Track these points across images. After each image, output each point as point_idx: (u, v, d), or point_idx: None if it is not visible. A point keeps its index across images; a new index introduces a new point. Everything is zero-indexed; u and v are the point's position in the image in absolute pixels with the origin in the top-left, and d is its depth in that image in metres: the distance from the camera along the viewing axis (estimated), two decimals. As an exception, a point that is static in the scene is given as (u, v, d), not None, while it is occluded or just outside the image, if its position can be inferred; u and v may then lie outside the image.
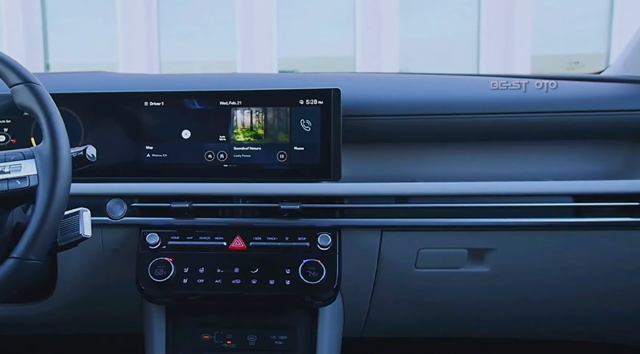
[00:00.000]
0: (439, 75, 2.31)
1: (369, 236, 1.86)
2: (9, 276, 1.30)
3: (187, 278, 1.78)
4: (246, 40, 13.81)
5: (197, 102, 1.84)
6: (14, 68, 1.42)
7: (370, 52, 13.82)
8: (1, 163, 1.38)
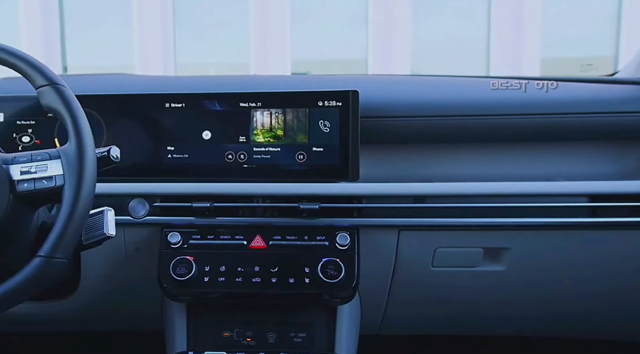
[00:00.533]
0: (455, 78, 2.31)
1: (386, 236, 1.87)
2: (36, 275, 1.31)
3: (208, 277, 1.78)
4: (260, 42, 13.83)
5: (218, 104, 1.84)
6: (41, 70, 1.43)
7: (382, 55, 13.81)
8: (28, 163, 1.39)
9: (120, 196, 1.83)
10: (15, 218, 1.40)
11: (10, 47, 1.45)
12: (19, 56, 1.43)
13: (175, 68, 13.96)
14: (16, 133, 1.87)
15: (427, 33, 13.98)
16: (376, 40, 13.87)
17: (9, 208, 1.36)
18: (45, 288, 1.35)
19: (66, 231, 1.32)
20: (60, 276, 1.38)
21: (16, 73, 1.54)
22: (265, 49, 13.80)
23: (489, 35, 13.95)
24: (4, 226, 1.37)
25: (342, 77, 2.33)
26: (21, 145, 1.86)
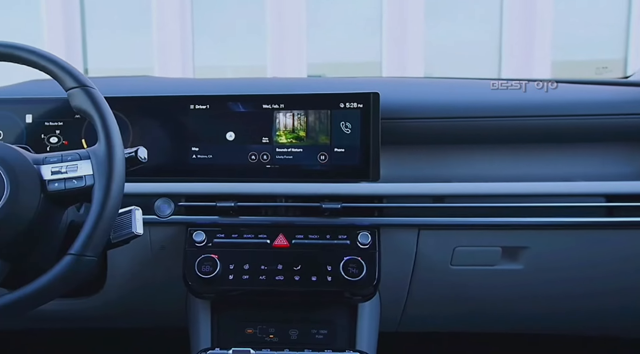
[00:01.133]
0: (472, 80, 2.30)
1: (406, 235, 1.87)
2: (67, 272, 1.31)
3: (232, 274, 1.78)
4: (277, 46, 13.84)
5: (241, 105, 1.84)
6: (71, 72, 1.43)
7: (396, 58, 13.80)
8: (58, 163, 1.40)
9: (146, 195, 1.84)
10: (46, 217, 1.41)
11: (41, 50, 1.46)
12: (50, 59, 1.44)
13: (193, 71, 13.97)
14: (44, 134, 1.88)
15: (439, 36, 13.96)
16: (390, 44, 13.86)
17: (40, 207, 1.37)
18: (76, 285, 1.36)
19: (96, 230, 1.33)
20: (90, 274, 1.38)
21: (43, 76, 1.55)
22: (282, 52, 13.80)
23: (500, 38, 13.92)
24: (36, 225, 1.37)
25: (362, 79, 2.33)
26: (49, 146, 1.87)
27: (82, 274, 1.34)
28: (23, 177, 1.36)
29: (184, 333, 2.06)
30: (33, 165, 1.39)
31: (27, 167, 1.38)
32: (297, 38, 13.78)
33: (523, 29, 13.64)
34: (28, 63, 1.45)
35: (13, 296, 1.32)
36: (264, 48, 13.93)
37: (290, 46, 13.81)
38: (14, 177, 1.34)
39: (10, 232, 1.34)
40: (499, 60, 13.98)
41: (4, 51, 1.44)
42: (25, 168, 1.38)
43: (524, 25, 13.65)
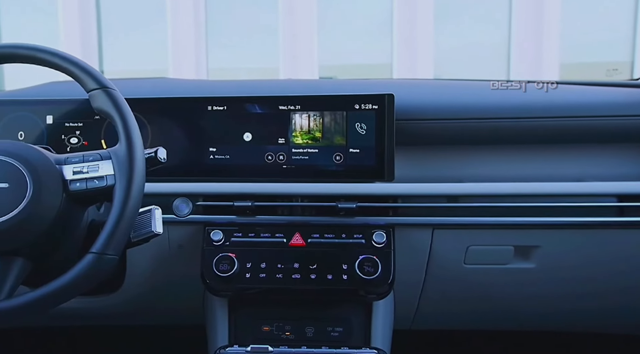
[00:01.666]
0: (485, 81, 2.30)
1: (421, 234, 1.86)
2: (89, 270, 1.32)
3: (249, 273, 1.79)
4: (289, 48, 13.84)
5: (258, 106, 1.84)
6: (92, 74, 1.44)
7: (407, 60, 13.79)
8: (80, 163, 1.40)
9: (165, 195, 1.84)
10: (67, 217, 1.41)
11: (63, 52, 1.46)
12: (71, 61, 1.44)
13: (207, 73, 14.00)
14: (65, 135, 1.88)
15: (448, 39, 13.95)
16: (400, 46, 13.86)
17: (62, 207, 1.38)
18: (97, 283, 1.36)
19: (117, 229, 1.33)
20: (110, 273, 1.38)
21: (63, 77, 1.55)
22: (294, 54, 13.81)
23: (509, 41, 13.90)
24: (58, 225, 1.38)
25: (376, 81, 2.33)
26: (69, 147, 1.88)
27: (103, 272, 1.35)
28: (46, 177, 1.36)
29: (201, 330, 2.07)
30: (55, 165, 1.40)
31: (50, 167, 1.39)
32: (308, 40, 13.79)
33: (532, 31, 13.62)
34: (50, 66, 1.45)
35: (36, 294, 1.32)
36: (277, 50, 13.94)
37: (302, 48, 13.82)
38: (36, 177, 1.35)
39: (33, 231, 1.35)
40: (507, 63, 13.96)
41: (27, 53, 1.45)
42: (48, 169, 1.38)
43: (533, 28, 13.62)
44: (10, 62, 1.48)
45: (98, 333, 2.82)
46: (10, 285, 1.35)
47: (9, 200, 1.33)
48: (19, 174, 1.35)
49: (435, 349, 2.72)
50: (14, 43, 1.46)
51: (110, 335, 2.84)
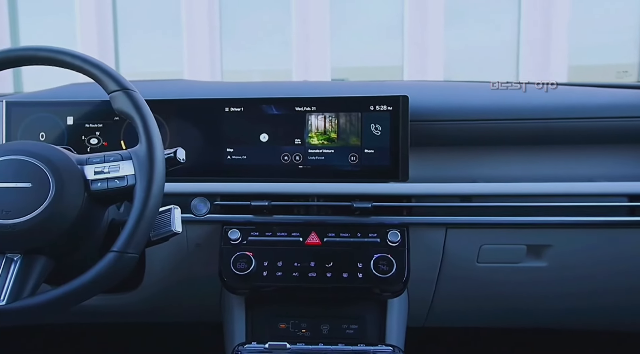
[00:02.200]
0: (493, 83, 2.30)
1: (434, 233, 1.87)
2: (110, 268, 1.32)
3: (266, 271, 1.79)
4: (301, 50, 13.83)
5: (275, 108, 1.84)
6: (113, 76, 1.44)
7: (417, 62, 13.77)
8: (101, 164, 1.41)
9: (183, 195, 1.84)
10: (88, 216, 1.42)
11: (85, 54, 1.46)
12: (93, 63, 1.45)
13: (221, 75, 14.00)
14: (85, 136, 1.88)
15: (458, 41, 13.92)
16: (411, 49, 13.83)
17: (83, 206, 1.38)
18: (117, 281, 1.37)
19: (138, 228, 1.34)
20: (131, 271, 1.39)
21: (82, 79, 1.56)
22: (307, 56, 13.80)
23: (518, 43, 13.86)
24: (79, 224, 1.38)
25: (390, 83, 2.33)
26: (89, 147, 1.88)
27: (124, 270, 1.36)
28: (68, 177, 1.37)
29: (218, 327, 2.07)
30: (77, 165, 1.41)
31: (72, 167, 1.39)
32: (321, 43, 13.78)
33: (541, 34, 13.58)
34: (72, 68, 1.46)
35: (58, 292, 1.32)
36: (289, 52, 13.93)
37: (314, 51, 13.81)
38: (59, 177, 1.35)
39: (55, 230, 1.35)
40: (516, 65, 13.93)
41: (50, 56, 1.45)
42: (70, 169, 1.39)
43: (542, 30, 13.58)
44: (33, 64, 1.49)
45: (115, 331, 2.82)
46: (34, 283, 1.36)
47: (32, 199, 1.34)
48: (42, 174, 1.35)
49: (447, 346, 2.72)
50: (37, 45, 1.47)
51: (127, 332, 2.84)
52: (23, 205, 1.33)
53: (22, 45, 1.48)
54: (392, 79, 11.37)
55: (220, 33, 14.05)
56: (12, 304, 1.32)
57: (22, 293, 1.34)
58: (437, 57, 13.74)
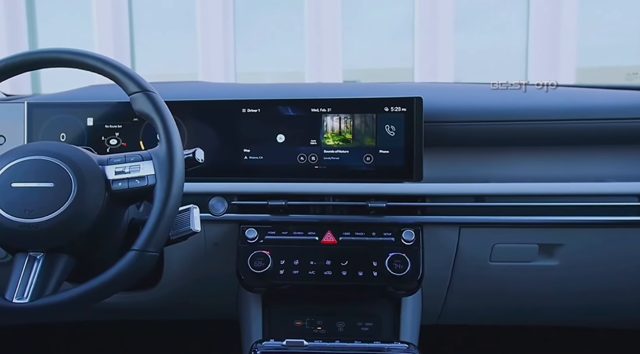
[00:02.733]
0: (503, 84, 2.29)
1: (448, 232, 1.87)
2: (131, 267, 1.33)
3: (283, 269, 1.79)
4: (314, 52, 13.82)
5: (291, 109, 1.84)
6: (134, 78, 1.44)
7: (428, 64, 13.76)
8: (122, 164, 1.41)
9: (201, 195, 1.84)
10: (109, 215, 1.42)
11: (105, 57, 1.47)
12: (114, 65, 1.45)
13: (235, 77, 14.02)
14: (104, 136, 1.89)
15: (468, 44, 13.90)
16: (421, 51, 13.81)
17: (104, 206, 1.39)
18: (138, 279, 1.37)
19: (158, 227, 1.34)
20: (150, 269, 1.39)
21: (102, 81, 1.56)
22: (319, 58, 13.79)
23: (527, 45, 13.83)
24: (100, 223, 1.39)
25: (404, 84, 2.33)
26: (109, 148, 1.88)
27: (144, 269, 1.36)
28: (89, 177, 1.37)
29: (232, 324, 2.09)
30: (98, 165, 1.41)
31: (93, 168, 1.40)
32: (333, 45, 13.77)
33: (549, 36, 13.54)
34: (94, 70, 1.46)
35: (81, 290, 1.33)
36: (302, 55, 13.93)
37: (326, 53, 13.80)
38: (80, 177, 1.36)
39: (77, 229, 1.36)
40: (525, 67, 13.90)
41: (72, 58, 1.46)
42: (91, 169, 1.39)
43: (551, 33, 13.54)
44: (55, 66, 1.49)
45: (132, 328, 2.83)
46: (56, 281, 1.37)
47: (54, 199, 1.34)
48: (64, 174, 1.36)
49: (460, 343, 2.72)
50: (59, 48, 1.47)
51: (143, 330, 2.85)
52: (45, 204, 1.34)
53: (46, 48, 1.48)
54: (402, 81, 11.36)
55: (234, 35, 14.06)
56: (35, 302, 1.32)
57: (45, 291, 1.34)
58: (447, 60, 13.72)
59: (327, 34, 13.76)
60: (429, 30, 13.71)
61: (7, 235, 1.35)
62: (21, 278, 1.35)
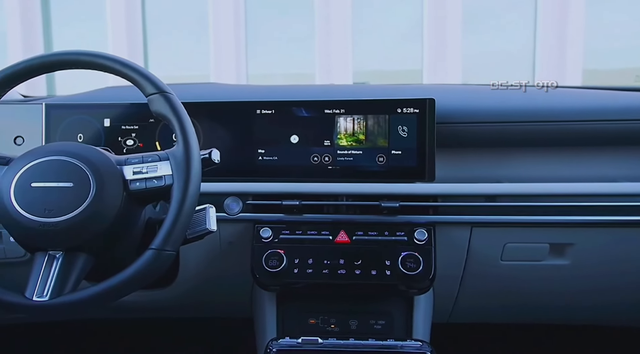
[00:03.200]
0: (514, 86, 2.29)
1: (460, 232, 1.86)
2: (149, 265, 1.33)
3: (297, 268, 1.79)
4: (324, 54, 13.82)
5: (305, 110, 1.84)
6: (151, 79, 1.44)
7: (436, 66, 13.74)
8: (139, 164, 1.41)
9: (216, 194, 1.85)
10: (127, 215, 1.43)
11: (123, 59, 1.46)
12: (132, 67, 1.45)
13: (247, 78, 14.02)
14: (121, 137, 1.90)
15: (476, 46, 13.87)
16: (430, 53, 13.80)
17: (122, 205, 1.39)
18: (155, 278, 1.37)
19: (175, 226, 1.34)
20: (168, 268, 1.39)
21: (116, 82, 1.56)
22: (329, 60, 13.79)
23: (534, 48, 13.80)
24: (118, 222, 1.39)
25: (415, 86, 2.34)
26: (125, 148, 1.89)
27: (162, 267, 1.36)
28: (107, 177, 1.37)
29: (245, 322, 2.10)
30: (116, 165, 1.41)
31: (111, 168, 1.40)
32: (343, 47, 13.77)
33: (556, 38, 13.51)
34: (112, 71, 1.46)
35: (100, 288, 1.33)
36: (312, 57, 13.93)
37: (336, 55, 13.79)
38: (99, 177, 1.36)
39: (95, 228, 1.36)
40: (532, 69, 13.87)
41: (91, 60, 1.45)
42: (110, 169, 1.39)
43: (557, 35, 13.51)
44: (74, 68, 1.49)
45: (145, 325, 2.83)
46: (75, 279, 1.37)
47: (73, 198, 1.34)
48: (83, 174, 1.36)
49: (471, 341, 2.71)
50: (77, 50, 1.47)
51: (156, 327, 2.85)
52: (65, 204, 1.34)
53: (64, 50, 1.48)
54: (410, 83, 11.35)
55: (245, 38, 14.07)
56: (55, 300, 1.33)
57: (64, 289, 1.34)
58: (455, 61, 13.71)
59: (336, 36, 13.76)
60: (438, 33, 13.70)
61: (27, 234, 1.36)
62: (41, 277, 1.35)
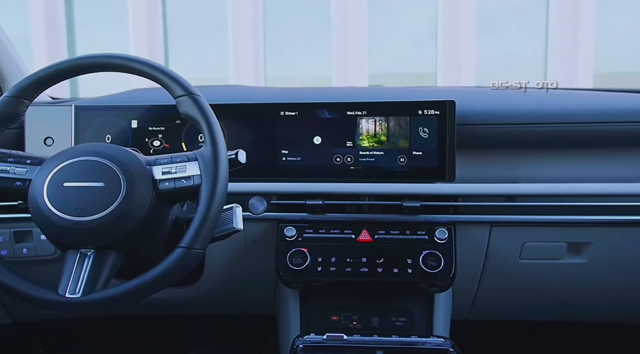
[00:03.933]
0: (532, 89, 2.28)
1: (479, 231, 1.86)
2: (178, 263, 1.33)
3: (320, 266, 1.80)
4: (341, 57, 13.82)
5: (327, 112, 1.84)
6: (180, 82, 1.44)
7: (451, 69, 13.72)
8: (168, 164, 1.41)
9: (242, 194, 1.85)
10: (156, 214, 1.43)
11: (153, 61, 1.47)
12: (161, 70, 1.45)
13: (265, 81, 14.03)
14: (148, 138, 1.90)
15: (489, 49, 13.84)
16: (444, 56, 13.78)
17: (151, 205, 1.39)
18: (184, 275, 1.37)
19: (203, 225, 1.34)
20: (196, 265, 1.39)
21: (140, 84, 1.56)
22: (345, 63, 13.79)
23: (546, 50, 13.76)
24: (147, 221, 1.39)
25: (435, 88, 2.33)
26: (152, 149, 1.89)
27: (190, 265, 1.36)
28: (137, 177, 1.38)
29: (268, 319, 2.12)
30: (146, 166, 1.41)
31: (141, 168, 1.40)
32: (359, 51, 13.77)
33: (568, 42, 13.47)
34: (141, 74, 1.46)
35: (131, 285, 1.34)
36: (329, 60, 13.93)
37: (352, 58, 13.80)
38: (129, 177, 1.37)
39: (126, 227, 1.36)
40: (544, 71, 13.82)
41: (121, 63, 1.46)
42: (139, 169, 1.40)
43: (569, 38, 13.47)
44: (104, 71, 1.50)
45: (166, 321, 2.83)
46: (106, 277, 1.37)
47: (104, 198, 1.35)
48: (114, 174, 1.37)
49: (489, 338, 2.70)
50: (108, 53, 1.47)
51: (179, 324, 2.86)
52: (96, 203, 1.35)
53: (95, 53, 1.49)
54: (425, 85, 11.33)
55: (264, 41, 14.10)
56: (87, 297, 1.33)
57: (96, 286, 1.35)
58: (469, 64, 13.68)
59: (353, 39, 13.77)
60: (452, 36, 13.68)
61: (60, 232, 1.36)
62: (73, 274, 1.36)
